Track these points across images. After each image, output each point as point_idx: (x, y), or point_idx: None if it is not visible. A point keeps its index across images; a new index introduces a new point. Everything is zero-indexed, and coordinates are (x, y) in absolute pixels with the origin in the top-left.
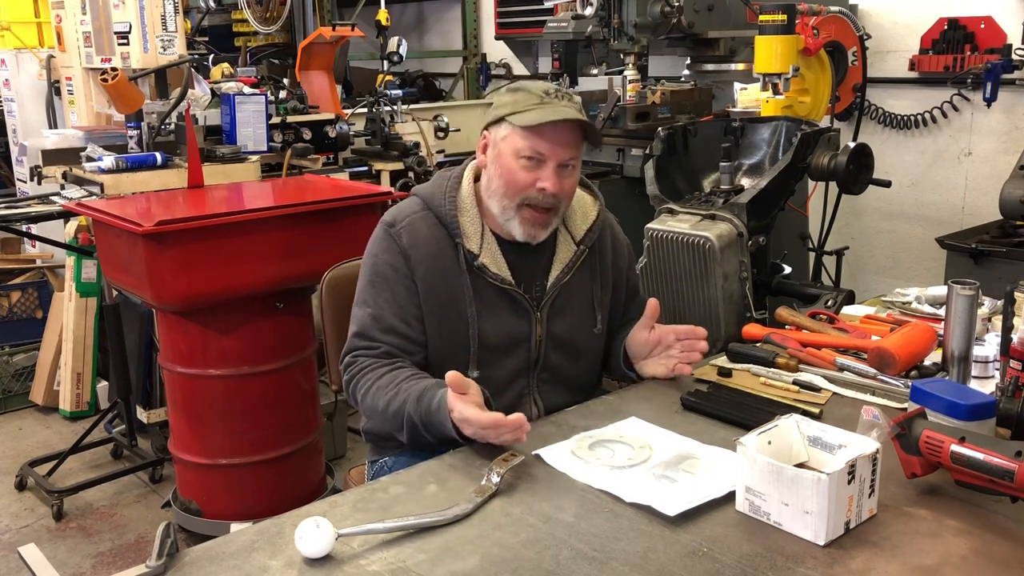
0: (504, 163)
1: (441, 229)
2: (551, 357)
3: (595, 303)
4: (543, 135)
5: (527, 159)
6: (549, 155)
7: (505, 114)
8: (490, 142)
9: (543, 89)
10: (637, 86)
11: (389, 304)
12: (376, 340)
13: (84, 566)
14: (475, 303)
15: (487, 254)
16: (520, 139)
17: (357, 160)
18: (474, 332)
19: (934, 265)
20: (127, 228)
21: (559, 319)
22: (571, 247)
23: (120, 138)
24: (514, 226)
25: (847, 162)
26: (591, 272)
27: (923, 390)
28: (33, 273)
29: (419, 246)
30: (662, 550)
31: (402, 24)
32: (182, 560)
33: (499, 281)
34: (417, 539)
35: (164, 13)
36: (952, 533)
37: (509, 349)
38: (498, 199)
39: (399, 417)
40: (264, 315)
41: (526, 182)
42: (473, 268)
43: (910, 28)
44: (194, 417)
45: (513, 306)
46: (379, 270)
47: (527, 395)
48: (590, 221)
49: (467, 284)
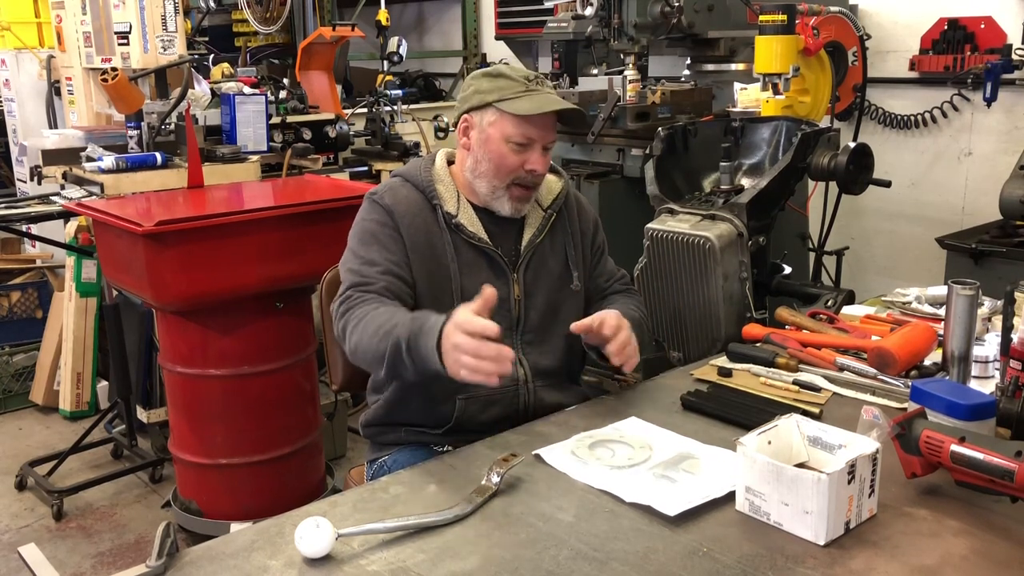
0: (493, 147)
1: (419, 195)
2: (532, 317)
3: (570, 261)
4: (534, 122)
5: (517, 144)
6: (538, 139)
7: (492, 100)
8: (473, 126)
9: (523, 75)
10: (637, 86)
11: (381, 253)
12: (372, 278)
13: (84, 566)
14: (456, 260)
15: (464, 215)
16: (512, 126)
17: (357, 160)
18: (457, 287)
19: (934, 265)
20: (127, 228)
21: (536, 280)
22: (539, 212)
23: (120, 138)
24: (503, 203)
25: (847, 162)
26: (562, 232)
27: (923, 390)
28: (33, 273)
29: (400, 205)
30: (662, 550)
31: (402, 24)
32: (182, 560)
33: (476, 240)
34: (417, 539)
35: (164, 13)
36: (952, 533)
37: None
38: (487, 180)
39: (387, 338)
40: (264, 315)
41: (516, 164)
42: (451, 226)
43: (910, 28)
44: (194, 417)
45: (491, 266)
46: (367, 228)
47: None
48: (555, 193)
49: (447, 241)
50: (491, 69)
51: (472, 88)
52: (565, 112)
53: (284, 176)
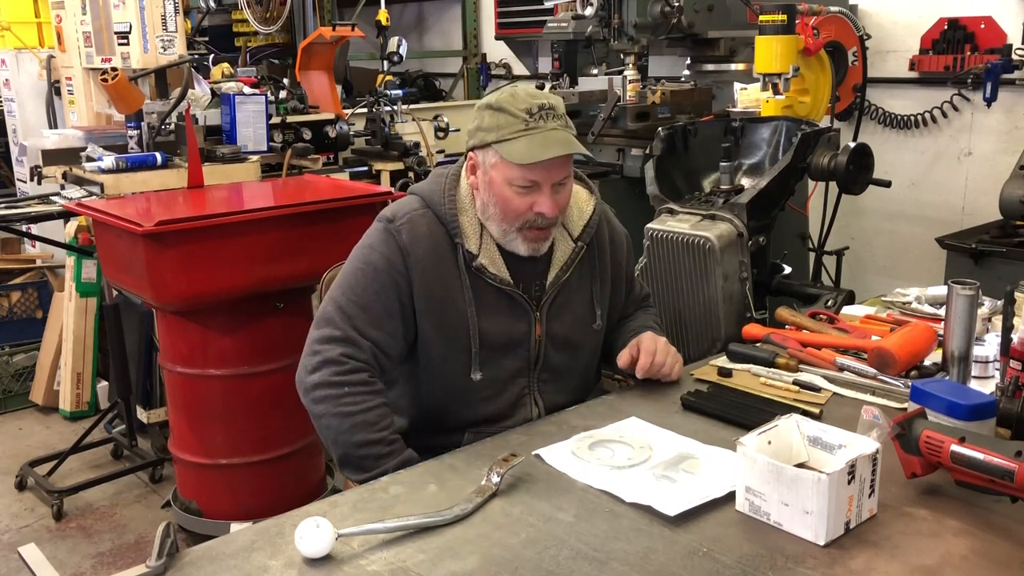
0: (498, 191)
1: (440, 228)
2: (551, 356)
3: (594, 299)
4: (536, 164)
5: (521, 187)
6: (543, 180)
7: (491, 141)
8: (479, 165)
9: (526, 108)
10: (637, 86)
11: (377, 296)
12: (362, 336)
13: (84, 566)
14: (474, 304)
15: (486, 255)
16: (512, 170)
17: (357, 160)
18: (475, 332)
19: (934, 265)
20: (127, 228)
21: (558, 318)
22: (569, 244)
23: (120, 138)
24: (516, 245)
25: (847, 162)
26: (590, 268)
27: (923, 390)
28: (33, 273)
29: (418, 243)
30: (662, 550)
31: (402, 24)
32: (182, 560)
33: (498, 282)
34: (417, 539)
35: (164, 13)
36: (952, 533)
37: (508, 350)
38: (497, 223)
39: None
40: (264, 315)
41: (523, 207)
42: (472, 268)
43: (910, 28)
44: (194, 417)
45: (512, 306)
46: (372, 260)
47: (527, 395)
48: (587, 217)
49: (466, 284)
50: (496, 100)
51: (476, 123)
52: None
53: (284, 176)
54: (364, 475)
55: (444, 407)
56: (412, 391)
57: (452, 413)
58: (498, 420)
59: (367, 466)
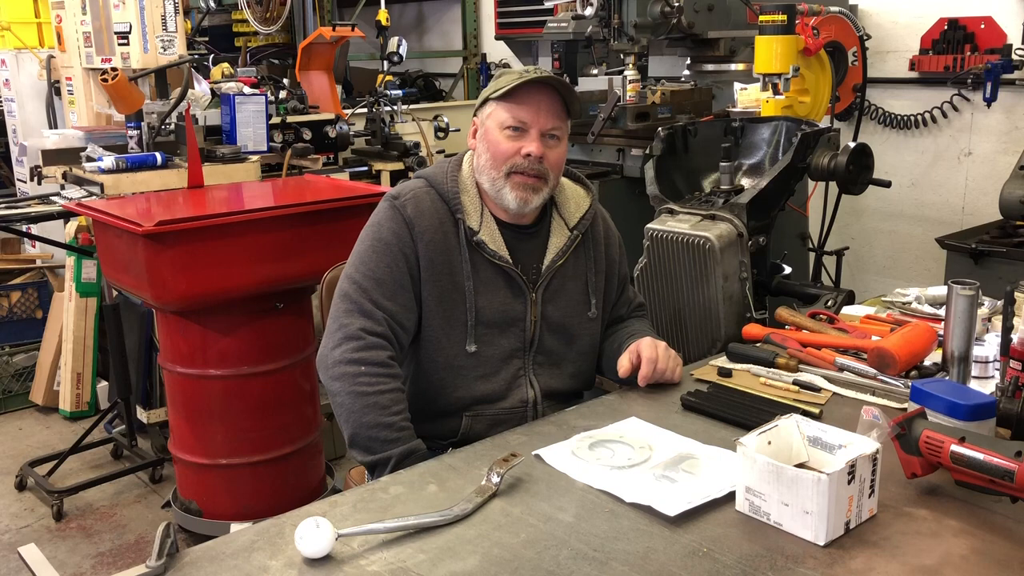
0: (490, 137)
1: (443, 205)
2: (546, 339)
3: (589, 288)
4: (523, 102)
5: (511, 129)
6: (531, 122)
7: (488, 95)
8: (478, 126)
9: (523, 68)
10: (637, 86)
11: (390, 270)
12: (378, 308)
13: (84, 566)
14: (473, 278)
15: (486, 231)
16: (503, 111)
17: (357, 160)
18: (471, 306)
19: (934, 265)
20: (127, 228)
21: (553, 302)
22: (565, 232)
23: (120, 138)
24: (505, 195)
25: (847, 162)
26: (585, 257)
27: (923, 390)
28: (33, 273)
29: (422, 217)
30: (662, 550)
31: (402, 24)
32: (182, 560)
33: (496, 258)
34: (417, 539)
35: (164, 13)
36: (952, 533)
37: (504, 328)
38: (487, 171)
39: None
40: (264, 315)
41: (511, 150)
42: (472, 243)
43: (910, 28)
44: (194, 417)
45: (509, 284)
46: (382, 236)
47: (523, 376)
48: (583, 209)
49: (466, 259)
50: (497, 72)
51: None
52: (563, 95)
53: (284, 176)
54: (370, 457)
55: (441, 384)
56: (411, 370)
57: (449, 390)
58: (494, 401)
59: (374, 448)
